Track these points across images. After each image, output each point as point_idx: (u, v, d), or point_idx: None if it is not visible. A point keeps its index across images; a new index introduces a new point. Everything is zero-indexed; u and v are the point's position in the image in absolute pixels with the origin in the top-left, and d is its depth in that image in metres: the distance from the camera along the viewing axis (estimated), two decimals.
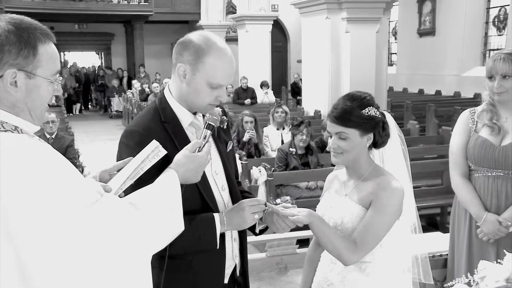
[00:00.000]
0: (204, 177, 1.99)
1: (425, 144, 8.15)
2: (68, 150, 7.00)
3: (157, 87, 14.74)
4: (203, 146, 1.89)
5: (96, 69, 23.14)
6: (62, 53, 24.11)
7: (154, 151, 1.77)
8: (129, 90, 17.91)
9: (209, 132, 1.95)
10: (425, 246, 2.54)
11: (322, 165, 6.55)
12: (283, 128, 7.70)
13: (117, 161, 1.87)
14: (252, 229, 2.20)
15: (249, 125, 7.27)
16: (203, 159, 1.85)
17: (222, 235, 2.04)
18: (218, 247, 2.01)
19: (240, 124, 7.38)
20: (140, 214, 1.58)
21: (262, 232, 2.25)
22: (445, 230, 5.18)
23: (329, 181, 2.50)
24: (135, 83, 17.94)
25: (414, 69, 18.17)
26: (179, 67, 1.98)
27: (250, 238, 3.46)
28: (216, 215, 2.01)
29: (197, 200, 2.01)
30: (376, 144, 2.28)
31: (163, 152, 1.78)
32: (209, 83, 1.96)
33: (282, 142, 7.39)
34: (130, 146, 1.91)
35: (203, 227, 1.97)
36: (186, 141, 1.94)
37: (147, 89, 16.05)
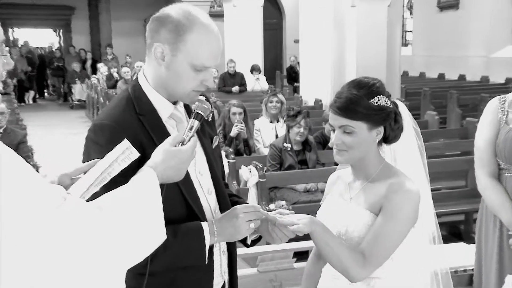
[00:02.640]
0: (188, 178, 2.02)
1: (446, 138, 8.22)
2: (19, 147, 6.90)
3: (128, 72, 14.73)
4: (190, 138, 1.91)
5: (53, 49, 23.04)
6: (10, 29, 23.65)
7: (124, 152, 1.78)
8: (93, 76, 17.89)
9: (197, 122, 1.97)
10: (447, 259, 2.52)
11: (323, 164, 6.56)
12: (278, 121, 7.72)
13: (83, 161, 1.88)
14: (243, 240, 2.21)
15: (237, 117, 7.28)
16: (187, 154, 1.87)
17: (210, 248, 2.06)
18: (206, 262, 2.04)
19: (226, 116, 7.37)
20: (111, 221, 1.59)
21: (254, 243, 2.28)
22: (470, 240, 5.19)
23: (331, 182, 2.52)
24: (101, 67, 17.89)
25: (433, 50, 18.25)
26: (156, 47, 1.98)
27: (240, 251, 3.46)
28: (204, 224, 2.03)
29: (180, 207, 2.03)
30: (387, 139, 2.30)
31: (135, 154, 1.79)
32: (193, 65, 1.97)
33: (277, 137, 7.40)
34: (100, 144, 1.91)
35: (190, 239, 1.99)
36: (166, 136, 1.94)
37: (115, 74, 16.04)
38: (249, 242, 2.24)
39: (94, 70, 19.40)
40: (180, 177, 1.88)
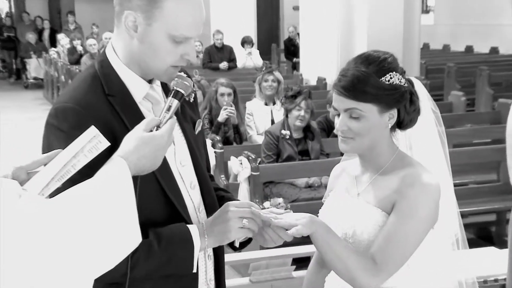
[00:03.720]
0: (167, 170, 2.04)
1: (474, 123, 8.22)
2: None
3: (94, 44, 14.58)
4: (167, 120, 1.92)
5: (2, 17, 22.79)
6: None
7: (91, 141, 1.79)
8: (52, 48, 17.72)
9: (176, 102, 1.98)
10: (474, 266, 2.58)
11: (327, 154, 6.55)
12: (274, 103, 7.72)
13: (43, 152, 1.87)
14: (230, 243, 2.22)
15: (225, 98, 7.25)
16: (163, 139, 1.88)
17: None
18: (195, 271, 2.07)
19: (213, 97, 7.34)
20: (74, 222, 1.61)
21: (243, 246, 2.29)
22: (502, 245, 5.20)
23: (336, 175, 2.55)
24: (62, 39, 17.74)
25: (459, 18, 18.24)
26: (127, 16, 1.98)
27: (228, 257, 3.51)
28: (193, 228, 2.05)
29: (159, 203, 2.05)
30: (402, 124, 2.33)
31: (104, 143, 1.80)
32: (171, 36, 1.97)
33: (273, 123, 7.39)
34: (63, 130, 1.92)
35: (177, 246, 2.01)
36: (140, 120, 1.94)
37: (79, 47, 15.86)
38: (237, 244, 2.24)
39: (53, 42, 19.23)
40: (156, 166, 1.90)
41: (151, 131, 1.89)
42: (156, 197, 2.03)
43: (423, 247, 2.25)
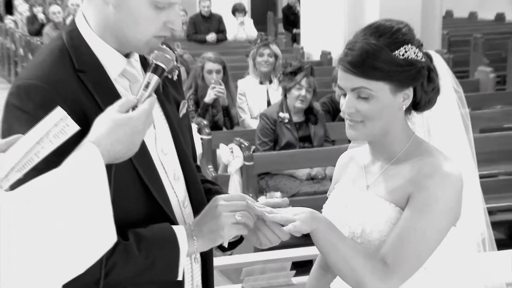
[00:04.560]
0: (147, 158, 2.06)
1: (504, 105, 8.24)
2: None
3: (59, 12, 14.50)
4: (145, 99, 1.94)
5: None
6: None
7: (58, 124, 1.77)
8: (8, 16, 17.68)
9: (155, 78, 1.98)
10: (503, 271, 2.64)
11: (333, 141, 6.57)
12: (271, 82, 7.73)
13: (2, 137, 1.88)
14: None
15: (214, 76, 7.27)
16: (140, 120, 1.89)
17: None
18: (180, 278, 2.08)
19: (199, 74, 7.36)
20: (39, 218, 1.61)
21: (233, 246, 2.31)
22: None
23: (342, 165, 2.57)
24: (20, 5, 17.68)
25: None
26: None
27: (217, 261, 3.51)
28: (179, 229, 2.06)
29: (137, 196, 2.05)
30: (418, 105, 2.34)
31: (73, 126, 1.78)
32: (153, 1, 1.97)
33: (269, 104, 7.40)
34: (26, 111, 1.92)
35: (159, 248, 2.02)
36: (116, 99, 1.94)
37: (40, 15, 15.78)
38: (225, 244, 2.25)
39: (9, 9, 19.11)
40: (132, 153, 1.91)
41: (127, 112, 1.89)
42: (134, 189, 2.03)
43: (443, 247, 2.25)
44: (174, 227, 2.05)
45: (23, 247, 1.59)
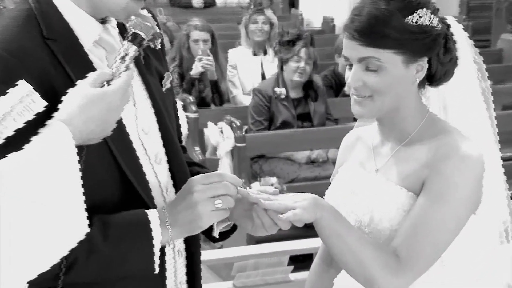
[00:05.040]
0: (124, 138, 2.03)
1: None
2: None
3: None
4: (122, 72, 1.92)
5: None
6: None
7: (23, 101, 1.77)
8: None
9: (134, 48, 1.96)
10: None
11: (336, 120, 6.55)
12: (265, 53, 7.72)
13: None
14: (207, 231, 2.20)
15: (201, 46, 7.26)
16: (116, 96, 1.87)
17: (161, 248, 2.06)
18: (156, 271, 2.04)
19: (184, 44, 7.36)
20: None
21: (224, 236, 2.29)
22: None
23: (348, 147, 2.57)
24: None
25: None
26: None
27: (205, 255, 3.48)
28: (152, 213, 2.03)
29: (112, 182, 2.02)
30: (433, 78, 2.33)
31: (40, 103, 1.79)
32: None
33: (264, 78, 7.40)
34: None
35: (130, 239, 1.99)
36: (90, 71, 1.92)
37: None
38: (216, 234, 2.23)
39: None
40: (107, 133, 1.89)
41: (102, 86, 1.87)
42: (109, 174, 2.01)
43: (461, 238, 2.24)
44: (147, 212, 2.02)
45: None
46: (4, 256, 1.62)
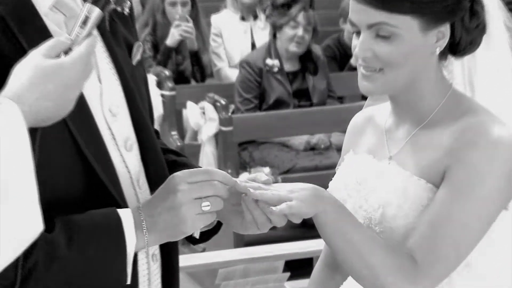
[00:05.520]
0: (88, 120, 1.98)
1: None
2: None
3: None
4: (82, 39, 1.85)
5: None
6: None
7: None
8: None
9: (96, 11, 1.87)
10: None
11: (340, 98, 6.56)
12: (256, 17, 7.70)
13: None
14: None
15: (179, 10, 7.26)
16: (75, 69, 1.80)
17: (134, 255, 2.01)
18: (128, 282, 2.01)
19: (158, 8, 7.39)
20: None
21: (206, 237, 2.25)
22: None
23: (356, 129, 2.54)
24: None
25: None
26: None
27: (184, 259, 3.50)
28: (124, 214, 1.97)
29: (73, 173, 1.96)
30: (457, 48, 2.28)
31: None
32: None
33: (254, 48, 7.38)
34: None
35: (99, 242, 1.94)
36: (46, 39, 1.84)
37: None
38: (196, 235, 2.20)
39: None
40: (65, 112, 1.82)
41: (58, 57, 1.82)
42: (70, 162, 1.95)
43: (490, 238, 2.19)
44: (120, 212, 1.97)
45: None
46: None
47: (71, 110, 1.85)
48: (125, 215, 1.98)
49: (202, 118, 6.16)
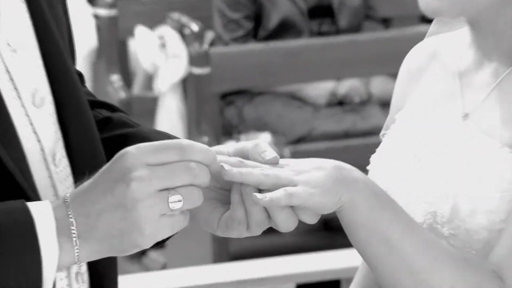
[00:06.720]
0: None
1: None
2: None
3: None
4: None
5: None
6: None
7: None
8: None
9: None
10: None
11: (386, 21, 6.00)
12: None
13: None
14: None
15: None
16: None
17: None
18: None
19: None
20: None
21: (164, 239, 1.81)
22: None
23: (414, 71, 2.09)
24: None
25: None
26: None
27: (128, 280, 3.48)
28: (40, 210, 1.53)
29: None
30: None
31: None
32: None
33: None
34: None
35: (1, 250, 1.55)
36: None
37: None
38: None
39: None
40: None
41: None
42: None
43: None
44: (32, 206, 1.51)
45: None
46: None
47: None
48: (40, 213, 1.54)
49: (160, 54, 5.33)
